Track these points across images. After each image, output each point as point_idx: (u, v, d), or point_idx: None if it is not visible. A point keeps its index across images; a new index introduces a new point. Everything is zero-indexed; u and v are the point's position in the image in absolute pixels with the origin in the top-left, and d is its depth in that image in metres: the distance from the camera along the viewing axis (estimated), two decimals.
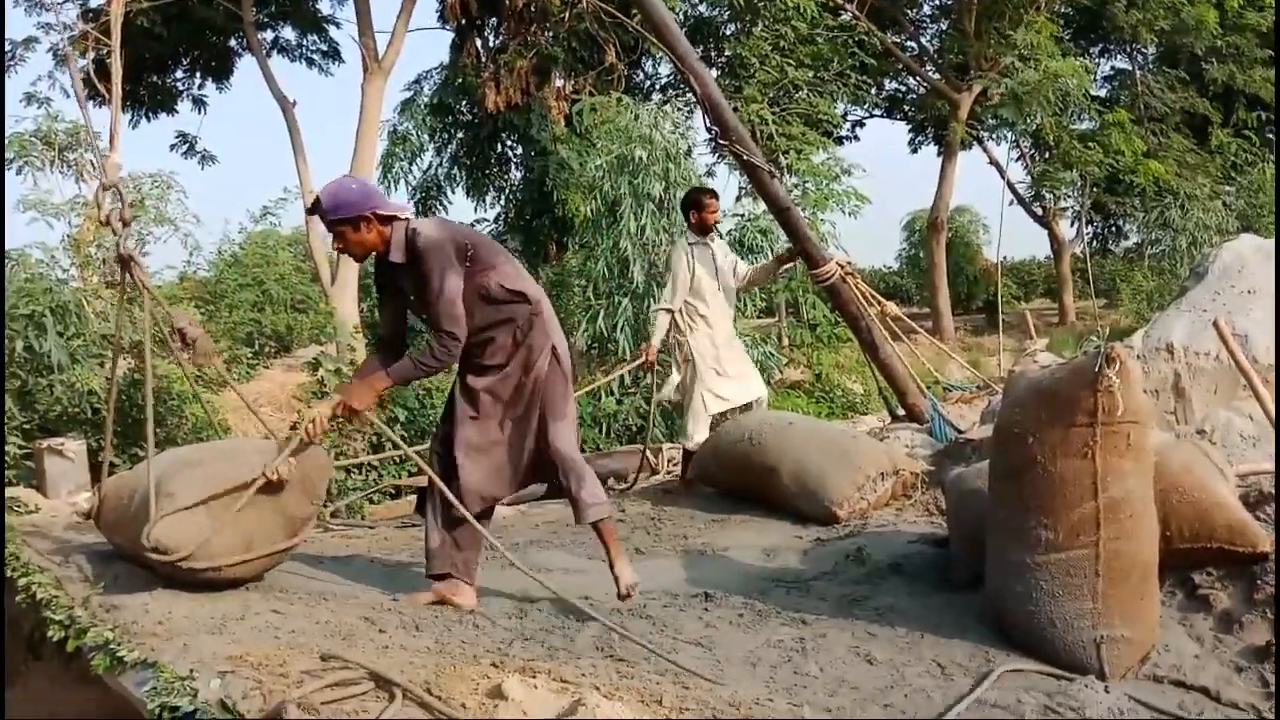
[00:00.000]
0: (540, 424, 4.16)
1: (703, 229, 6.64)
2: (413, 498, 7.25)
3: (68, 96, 16.77)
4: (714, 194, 6.96)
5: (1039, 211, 26.60)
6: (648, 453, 7.89)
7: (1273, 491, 3.95)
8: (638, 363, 7.58)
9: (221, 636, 3.35)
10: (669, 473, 7.62)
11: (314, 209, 4.07)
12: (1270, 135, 23.42)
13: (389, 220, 4.03)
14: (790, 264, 7.23)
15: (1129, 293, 21.64)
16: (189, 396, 9.78)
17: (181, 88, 19.22)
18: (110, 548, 4.35)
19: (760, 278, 7.19)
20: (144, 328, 4.59)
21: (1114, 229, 28.08)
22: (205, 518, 3.77)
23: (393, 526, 6.46)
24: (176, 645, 3.20)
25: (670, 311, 6.60)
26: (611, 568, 4.15)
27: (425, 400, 11.34)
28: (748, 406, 6.71)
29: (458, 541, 4.18)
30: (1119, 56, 26.78)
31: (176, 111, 19.16)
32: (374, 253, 4.10)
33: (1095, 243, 28.34)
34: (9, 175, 12.27)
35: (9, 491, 5.99)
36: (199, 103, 19.19)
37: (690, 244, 6.58)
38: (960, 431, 6.67)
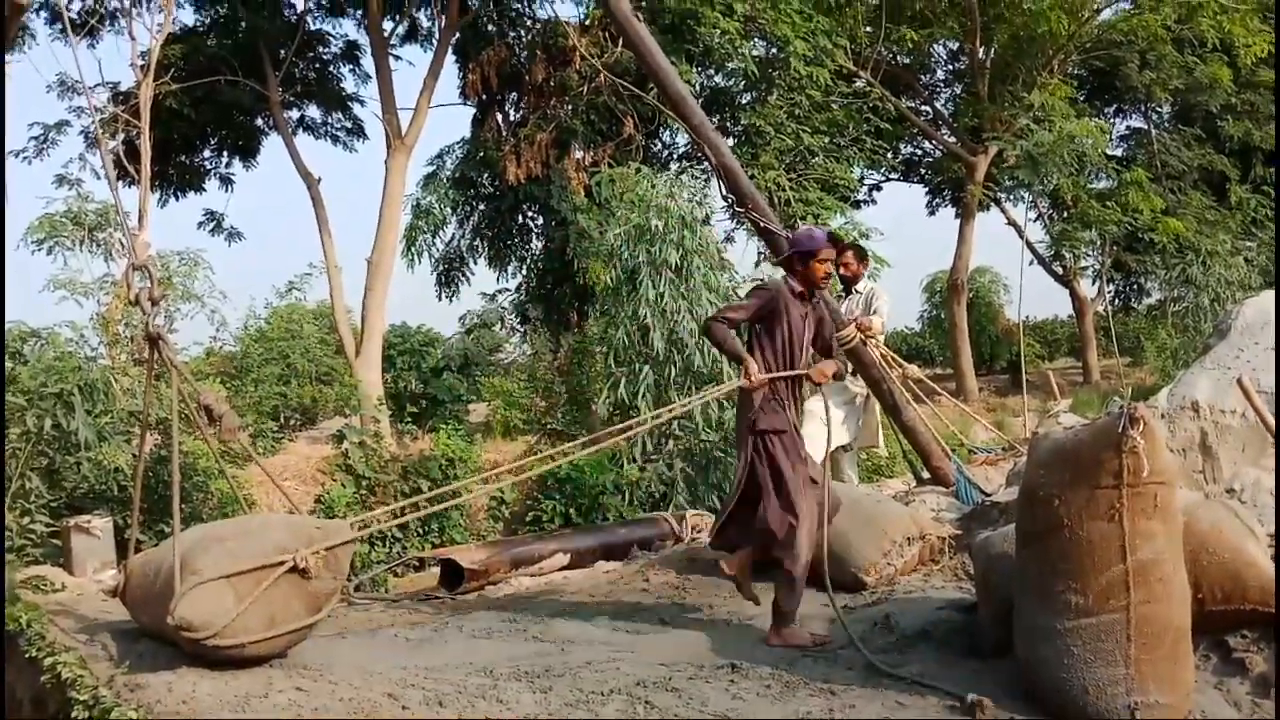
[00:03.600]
0: None
1: (842, 282, 7.30)
2: (435, 569, 7.26)
3: (98, 178, 17.13)
4: (839, 251, 7.30)
5: (1059, 271, 26.59)
6: (671, 520, 7.85)
7: None
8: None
9: (244, 715, 3.33)
10: (692, 539, 7.57)
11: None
12: None
13: None
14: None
15: (1154, 350, 21.47)
16: (214, 472, 9.84)
17: (209, 166, 19.56)
18: (136, 625, 4.36)
19: None
20: (171, 405, 4.64)
21: (1136, 287, 27.98)
22: (230, 595, 3.78)
23: (416, 600, 6.43)
24: None
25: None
26: None
27: (448, 470, 11.36)
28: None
29: None
30: (1134, 116, 26.92)
31: (204, 190, 19.50)
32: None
33: (1117, 300, 28.23)
34: (40, 255, 12.49)
35: (35, 570, 6.03)
36: (226, 181, 19.53)
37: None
38: (986, 494, 6.61)
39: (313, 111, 19.72)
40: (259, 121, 19.22)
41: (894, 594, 5.16)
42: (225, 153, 19.58)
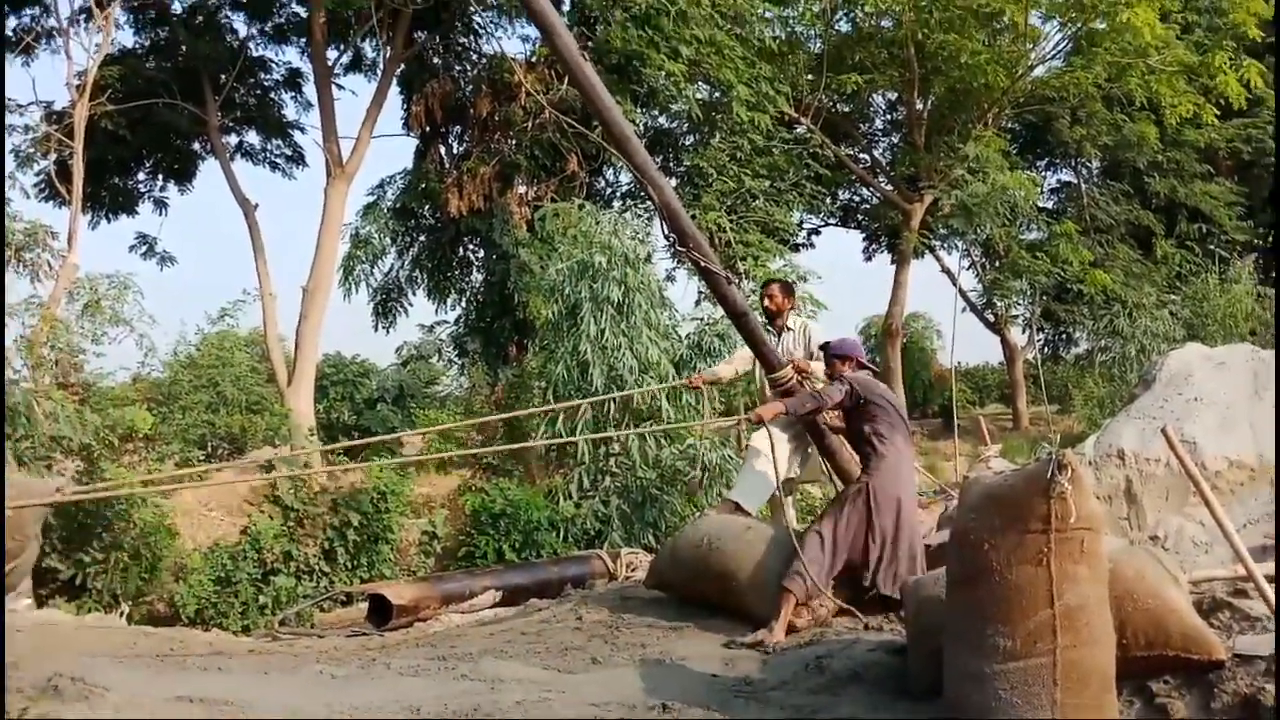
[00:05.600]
0: None
1: (765, 315, 7.29)
2: (364, 605, 7.14)
3: (28, 197, 16.79)
4: (766, 282, 7.76)
5: (991, 318, 27.15)
6: (606, 558, 7.82)
7: (1226, 599, 3.99)
8: (683, 383, 8.53)
9: None
10: (627, 578, 7.54)
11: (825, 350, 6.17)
12: (1212, 247, 24.16)
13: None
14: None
15: (1081, 399, 21.95)
16: (138, 501, 9.62)
17: (143, 189, 19.28)
18: (49, 657, 4.21)
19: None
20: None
21: (1064, 336, 28.64)
22: None
23: (343, 635, 6.30)
24: None
25: (730, 366, 7.65)
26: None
27: (379, 505, 11.21)
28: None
29: None
30: (1065, 170, 27.74)
31: (137, 213, 19.19)
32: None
33: (1046, 349, 28.86)
34: None
35: None
36: (160, 204, 19.24)
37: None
38: None
39: (251, 137, 19.58)
40: (196, 145, 19.01)
41: (825, 635, 5.17)
42: (160, 176, 19.33)
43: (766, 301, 7.42)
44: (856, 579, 5.55)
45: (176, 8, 17.90)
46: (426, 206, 19.32)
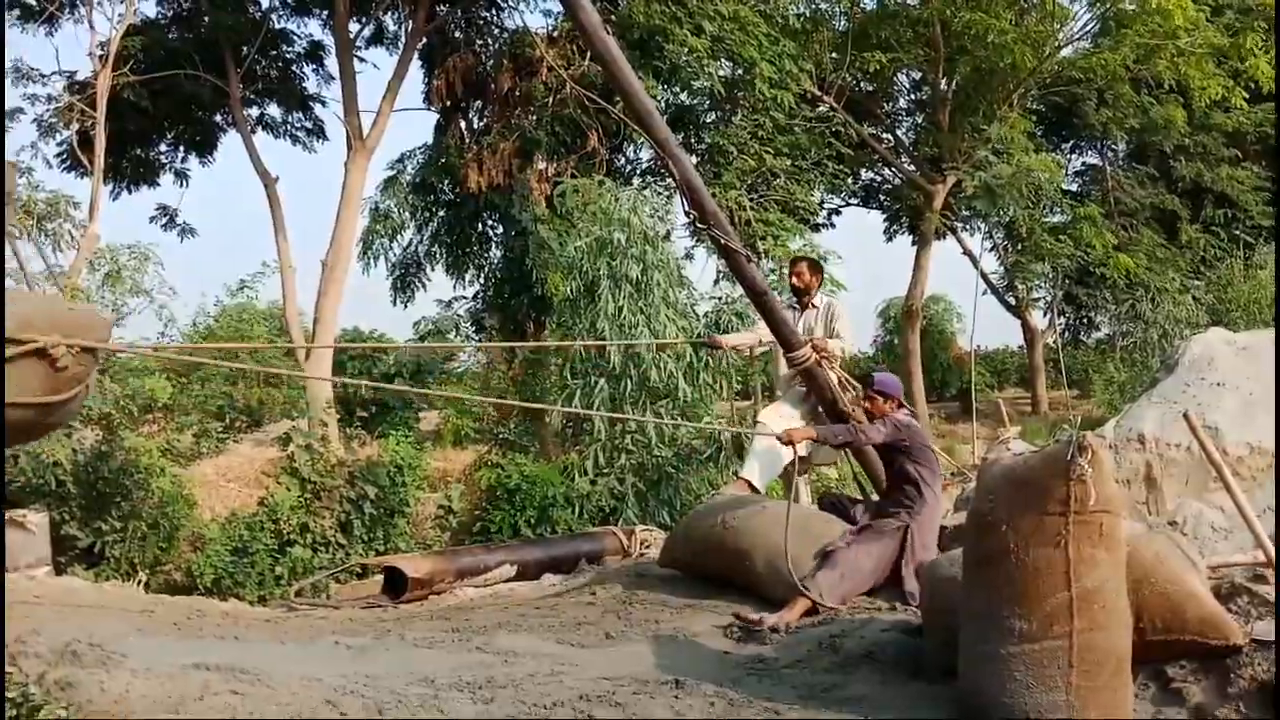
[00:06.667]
0: None
1: (793, 292, 7.36)
2: (379, 577, 7.18)
3: (50, 167, 16.87)
4: (794, 260, 7.68)
5: (1012, 301, 26.96)
6: (621, 534, 7.83)
7: (1245, 584, 3.96)
8: (704, 340, 8.82)
9: (178, 717, 3.26)
10: (641, 555, 7.54)
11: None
12: (1237, 232, 23.94)
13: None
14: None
15: (1101, 383, 21.83)
16: (156, 470, 9.69)
17: (164, 161, 19.32)
18: (60, 622, 4.25)
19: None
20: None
21: (1086, 320, 28.45)
22: None
23: (358, 607, 6.33)
24: None
25: (754, 334, 7.66)
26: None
27: (395, 478, 11.26)
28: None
29: None
30: (1090, 152, 27.47)
31: (158, 184, 19.25)
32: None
33: (1067, 333, 28.68)
34: None
35: None
36: (181, 175, 19.29)
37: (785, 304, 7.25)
38: None
39: (273, 110, 19.58)
40: (218, 118, 19.03)
41: (840, 614, 5.16)
42: (181, 147, 19.36)
43: (795, 279, 7.39)
44: None
45: None
46: (446, 181, 19.28)
